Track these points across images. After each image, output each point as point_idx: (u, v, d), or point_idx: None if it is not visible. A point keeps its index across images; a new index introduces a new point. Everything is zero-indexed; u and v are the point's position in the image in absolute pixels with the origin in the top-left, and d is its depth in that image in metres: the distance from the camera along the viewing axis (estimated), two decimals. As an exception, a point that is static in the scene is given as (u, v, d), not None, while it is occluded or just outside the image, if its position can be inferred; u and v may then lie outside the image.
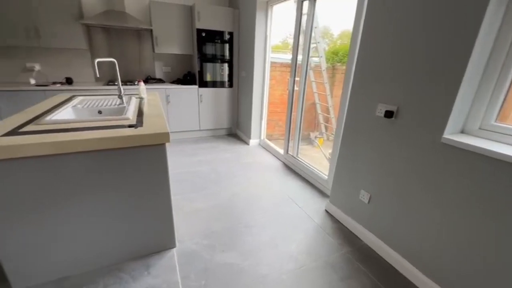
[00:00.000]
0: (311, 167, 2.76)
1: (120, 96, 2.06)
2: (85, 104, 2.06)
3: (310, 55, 3.33)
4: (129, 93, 2.63)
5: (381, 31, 1.58)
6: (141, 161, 1.43)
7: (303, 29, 2.66)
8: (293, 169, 3.04)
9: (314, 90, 4.12)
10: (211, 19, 3.55)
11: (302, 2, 2.55)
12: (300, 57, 2.74)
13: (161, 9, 3.42)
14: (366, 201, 1.82)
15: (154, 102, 2.25)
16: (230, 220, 2.06)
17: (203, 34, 3.57)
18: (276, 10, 3.26)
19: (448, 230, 1.34)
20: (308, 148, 4.69)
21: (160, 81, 3.87)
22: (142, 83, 2.44)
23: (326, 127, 4.39)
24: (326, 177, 2.48)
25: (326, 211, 2.23)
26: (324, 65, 3.80)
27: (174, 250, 1.71)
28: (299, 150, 3.08)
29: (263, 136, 3.87)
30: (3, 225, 1.25)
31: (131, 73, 3.85)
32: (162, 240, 1.68)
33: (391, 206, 1.65)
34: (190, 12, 3.58)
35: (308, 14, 2.54)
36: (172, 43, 3.64)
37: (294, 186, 2.66)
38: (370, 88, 1.70)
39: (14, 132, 1.30)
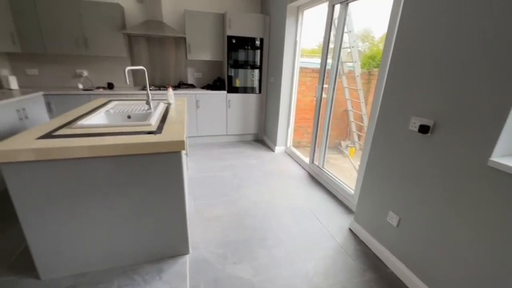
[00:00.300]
0: (337, 179, 2.59)
1: (147, 102, 2.16)
2: (117, 109, 2.20)
3: (343, 60, 3.17)
4: (162, 98, 2.75)
5: (420, 31, 1.40)
6: (157, 168, 1.46)
7: (335, 33, 2.53)
8: (318, 180, 2.89)
9: (347, 96, 3.90)
10: (242, 26, 3.58)
11: (333, 6, 2.43)
12: (330, 62, 2.60)
13: (194, 17, 3.55)
14: (395, 224, 1.63)
15: (180, 108, 2.31)
16: (247, 230, 2.01)
17: (233, 41, 3.62)
18: (308, 14, 3.16)
19: (493, 270, 1.12)
20: (339, 157, 4.45)
21: (191, 86, 4.01)
22: (170, 89, 2.54)
23: (358, 136, 4.12)
24: (353, 192, 2.30)
25: (350, 229, 2.06)
26: (358, 71, 3.58)
27: (187, 257, 1.72)
28: (327, 159, 2.92)
29: (289, 143, 3.77)
30: (35, 222, 1.37)
31: (166, 79, 4.06)
32: (176, 246, 1.70)
33: (424, 233, 1.44)
34: (221, 19, 3.66)
35: (339, 18, 2.40)
36: (204, 50, 3.75)
37: (317, 198, 2.52)
38: (403, 97, 1.52)
39: (48, 135, 1.42)
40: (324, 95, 2.75)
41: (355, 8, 2.69)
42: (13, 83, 3.21)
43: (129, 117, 2.11)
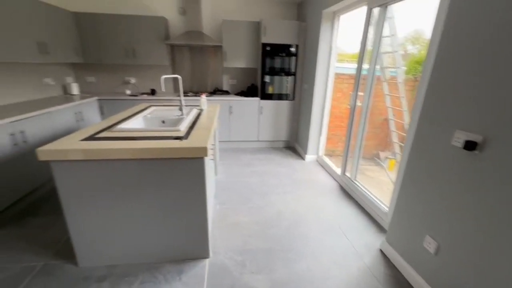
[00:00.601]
0: (370, 194, 2.40)
1: (180, 108, 2.29)
2: (154, 114, 2.37)
3: (384, 65, 2.96)
4: (198, 104, 2.87)
5: (469, 31, 1.24)
6: (181, 172, 1.53)
7: (372, 37, 2.38)
8: (349, 193, 2.71)
9: (388, 104, 3.63)
10: (277, 33, 3.60)
11: (371, 9, 2.29)
12: (367, 68, 2.45)
13: (231, 26, 3.68)
14: (432, 251, 1.44)
15: (211, 114, 2.40)
16: (269, 240, 1.97)
17: (268, 48, 3.65)
18: (345, 18, 3.03)
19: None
20: (376, 169, 4.13)
21: (226, 92, 4.14)
22: (203, 96, 2.65)
23: (400, 147, 3.79)
24: (387, 209, 2.11)
25: (381, 251, 1.88)
26: (401, 77, 3.31)
27: (207, 261, 1.75)
28: (362, 171, 2.74)
29: (321, 152, 3.63)
30: (75, 215, 1.53)
31: (203, 85, 4.26)
32: (197, 249, 1.74)
33: (469, 265, 1.25)
34: (257, 27, 3.72)
35: (378, 22, 2.25)
36: (239, 58, 3.85)
37: (347, 213, 2.36)
38: (446, 107, 1.35)
39: (91, 137, 1.58)
40: (359, 103, 2.59)
41: (402, 8, 2.50)
42: (75, 89, 3.69)
43: (163, 122, 2.25)
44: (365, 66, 2.48)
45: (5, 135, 2.10)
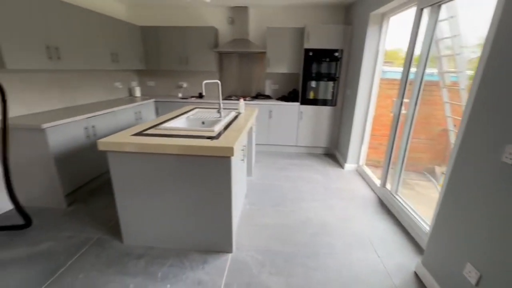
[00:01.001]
0: (410, 211, 2.19)
1: (218, 111, 2.46)
2: (196, 116, 2.60)
3: (443, 69, 2.67)
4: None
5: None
6: (210, 169, 1.66)
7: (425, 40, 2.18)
8: (388, 208, 2.51)
9: (448, 113, 3.23)
10: (320, 38, 3.56)
11: (421, 9, 2.11)
12: (417, 72, 2.25)
13: (275, 33, 3.78)
14: (473, 282, 1.26)
15: (246, 117, 2.52)
16: (292, 244, 1.98)
17: (310, 54, 3.63)
18: (395, 20, 2.84)
19: None
20: (429, 185, 3.69)
21: (267, 97, 4.25)
22: (241, 100, 2.80)
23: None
24: (427, 229, 1.90)
25: (416, 274, 1.71)
26: (464, 83, 2.93)
27: (230, 256, 1.84)
28: (409, 185, 2.52)
29: (362, 161, 3.43)
30: (124, 198, 1.80)
31: (247, 90, 4.45)
32: (221, 243, 1.85)
33: (514, 304, 1.06)
34: (301, 33, 3.73)
35: (429, 23, 2.06)
36: (282, 63, 3.92)
37: (381, 228, 2.20)
38: (497, 118, 1.18)
39: (139, 133, 1.84)
40: (404, 111, 2.39)
41: (467, 6, 2.23)
42: (137, 92, 4.27)
43: (203, 123, 2.46)
44: (415, 70, 2.27)
45: (81, 128, 2.57)
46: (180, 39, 3.96)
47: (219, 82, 2.43)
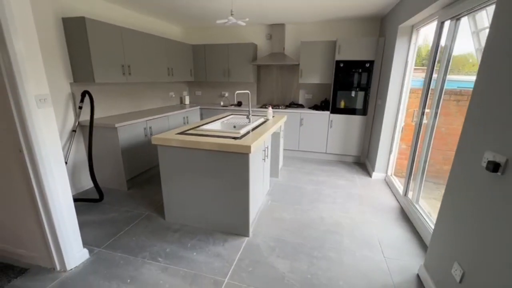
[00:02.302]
0: (426, 219, 2.20)
1: (247, 117, 2.85)
2: (230, 121, 3.04)
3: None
4: (273, 115, 3.39)
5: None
6: (232, 164, 2.04)
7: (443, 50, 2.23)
8: (408, 216, 2.52)
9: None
10: (351, 50, 3.71)
11: (442, 23, 2.18)
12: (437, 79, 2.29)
13: (308, 47, 4.06)
14: (458, 279, 1.34)
15: (273, 123, 2.85)
16: (302, 237, 2.20)
17: (341, 65, 3.80)
18: (424, 32, 2.87)
19: None
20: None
21: (300, 106, 4.50)
22: (270, 108, 3.15)
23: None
24: (438, 236, 1.92)
25: (418, 276, 1.78)
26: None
27: (246, 239, 2.17)
28: (437, 196, 2.49)
29: (391, 171, 3.41)
30: (168, 184, 2.29)
31: (282, 99, 4.79)
32: (240, 227, 2.19)
33: (485, 297, 1.15)
34: (333, 46, 3.93)
35: (448, 35, 2.12)
36: (314, 74, 4.16)
37: (396, 234, 2.26)
38: (482, 125, 1.29)
39: (182, 133, 2.33)
40: (425, 121, 2.42)
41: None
42: (187, 100, 4.97)
43: (234, 126, 2.87)
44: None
45: (141, 128, 3.24)
46: (223, 54, 4.53)
47: (248, 92, 2.83)
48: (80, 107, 2.88)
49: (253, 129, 2.51)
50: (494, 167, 1.13)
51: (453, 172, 1.51)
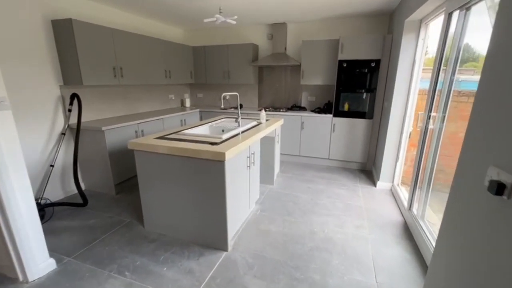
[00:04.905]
0: (431, 240, 1.91)
1: (236, 120, 2.68)
2: (220, 124, 2.89)
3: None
4: (274, 117, 3.19)
5: None
6: (207, 171, 1.87)
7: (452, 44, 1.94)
8: (412, 234, 2.23)
9: None
10: (355, 49, 3.44)
11: (450, 14, 1.89)
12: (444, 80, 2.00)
13: (310, 46, 3.83)
14: (455, 324, 1.08)
15: (264, 127, 2.66)
16: (286, 254, 1.99)
17: (344, 65, 3.54)
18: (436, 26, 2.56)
19: None
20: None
21: (303, 109, 4.27)
22: (263, 111, 2.97)
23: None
24: (441, 262, 1.64)
25: (414, 308, 1.51)
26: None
27: (224, 254, 1.99)
28: (435, 207, 2.20)
29: (397, 181, 3.09)
30: (145, 191, 2.17)
31: (284, 101, 4.57)
32: (217, 241, 2.02)
33: None
34: (335, 45, 3.68)
35: (457, 27, 1.84)
36: (316, 75, 3.92)
37: (393, 254, 1.99)
38: (487, 133, 1.03)
39: (162, 137, 2.20)
40: (431, 126, 2.13)
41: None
42: (188, 103, 4.90)
43: (222, 130, 2.71)
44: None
45: (132, 131, 3.17)
46: (223, 55, 4.41)
47: (237, 94, 2.66)
48: (70, 110, 2.86)
49: (238, 134, 2.34)
50: (498, 188, 0.88)
51: (453, 190, 1.25)
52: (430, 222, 2.27)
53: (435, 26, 2.55)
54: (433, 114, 2.12)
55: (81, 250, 2.03)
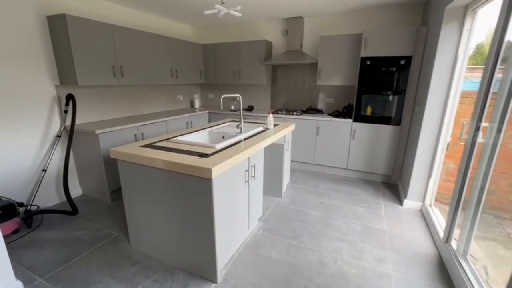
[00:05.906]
0: (476, 284, 1.46)
1: (238, 126, 2.36)
2: (221, 129, 2.58)
3: None
4: (286, 122, 2.84)
5: None
6: (192, 189, 1.57)
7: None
8: (450, 275, 1.76)
9: None
10: (381, 44, 2.97)
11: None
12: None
13: (328, 42, 3.41)
14: None
15: (271, 134, 2.32)
16: (287, 292, 1.63)
17: (368, 63, 3.08)
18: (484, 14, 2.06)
19: None
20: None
21: (319, 112, 3.85)
22: (270, 115, 2.62)
23: None
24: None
25: None
26: None
27: (213, 286, 1.67)
28: (477, 233, 1.73)
29: (430, 200, 2.59)
30: (130, 204, 1.92)
31: (299, 103, 4.17)
32: (205, 270, 1.71)
33: None
34: (358, 40, 3.23)
35: (524, 12, 1.37)
36: (335, 75, 3.49)
37: (425, 303, 1.55)
38: None
39: (149, 145, 1.94)
40: (481, 139, 1.66)
41: None
42: (197, 104, 4.67)
43: (223, 137, 2.40)
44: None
45: (131, 135, 2.96)
46: (234, 53, 4.11)
47: (239, 96, 2.35)
48: (66, 111, 2.70)
49: (238, 142, 2.02)
50: None
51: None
52: (473, 258, 1.80)
53: (486, 13, 2.04)
54: (483, 124, 1.64)
55: (57, 269, 1.82)
